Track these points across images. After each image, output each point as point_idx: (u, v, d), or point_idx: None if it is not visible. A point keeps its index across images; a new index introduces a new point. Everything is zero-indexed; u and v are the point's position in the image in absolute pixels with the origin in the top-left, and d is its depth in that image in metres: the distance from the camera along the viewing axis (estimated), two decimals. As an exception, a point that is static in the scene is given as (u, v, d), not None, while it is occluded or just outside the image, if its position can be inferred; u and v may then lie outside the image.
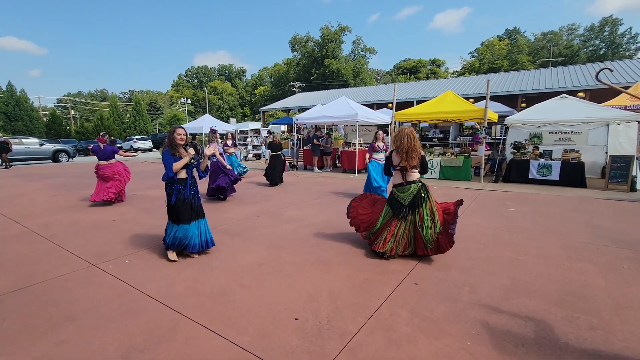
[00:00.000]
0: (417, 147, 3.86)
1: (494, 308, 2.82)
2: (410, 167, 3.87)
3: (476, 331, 2.49)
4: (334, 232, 4.98)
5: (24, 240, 4.78)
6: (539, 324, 2.57)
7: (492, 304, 2.89)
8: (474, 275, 3.46)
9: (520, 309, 2.79)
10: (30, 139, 19.68)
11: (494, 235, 4.76)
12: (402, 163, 3.90)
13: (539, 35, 51.98)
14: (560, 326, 2.55)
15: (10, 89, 31.03)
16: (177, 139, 3.79)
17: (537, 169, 9.25)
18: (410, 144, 3.82)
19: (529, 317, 2.67)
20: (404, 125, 3.99)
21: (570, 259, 3.86)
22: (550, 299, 2.97)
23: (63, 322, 2.66)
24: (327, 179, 10.87)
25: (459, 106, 10.46)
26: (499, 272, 3.53)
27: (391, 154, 4.06)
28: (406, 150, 3.83)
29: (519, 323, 2.59)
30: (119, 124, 40.97)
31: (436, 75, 53.23)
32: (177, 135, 3.79)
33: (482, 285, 3.24)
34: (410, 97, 23.00)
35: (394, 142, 4.01)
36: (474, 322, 2.61)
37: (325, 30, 50.67)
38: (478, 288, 3.18)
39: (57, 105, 63.03)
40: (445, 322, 2.61)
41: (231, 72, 75.73)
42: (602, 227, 5.15)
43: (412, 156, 3.83)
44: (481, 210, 6.28)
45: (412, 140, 3.84)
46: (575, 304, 2.88)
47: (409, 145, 3.82)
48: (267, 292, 3.15)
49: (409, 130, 3.92)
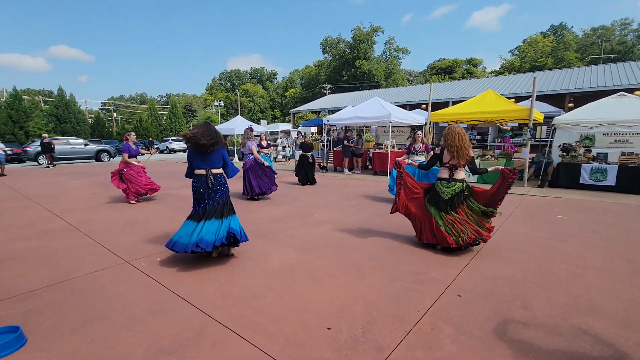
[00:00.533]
0: (466, 146, 3.94)
1: (553, 328, 2.47)
2: (459, 165, 4.00)
3: (533, 354, 2.18)
4: (366, 237, 4.75)
5: (64, 235, 4.97)
6: (607, 350, 2.21)
7: (549, 323, 2.55)
8: (526, 289, 3.10)
9: (583, 331, 2.43)
10: (76, 139, 21.06)
11: (545, 245, 4.31)
12: (451, 161, 4.04)
13: (589, 31, 48.37)
14: (634, 352, 2.18)
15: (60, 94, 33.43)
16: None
17: (589, 174, 8.46)
18: (461, 142, 3.91)
19: (595, 341, 2.30)
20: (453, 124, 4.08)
21: (637, 274, 3.38)
22: (618, 320, 2.57)
23: (94, 319, 2.65)
24: (358, 181, 10.62)
25: (501, 106, 9.82)
26: (554, 287, 3.14)
27: (442, 150, 4.16)
28: (456, 149, 3.92)
29: (583, 347, 2.24)
30: (156, 125, 42.98)
31: (472, 75, 51.08)
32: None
33: (536, 300, 2.89)
34: (445, 97, 22.13)
35: (443, 140, 4.08)
36: (529, 343, 2.29)
37: (357, 31, 50.29)
38: (532, 304, 2.83)
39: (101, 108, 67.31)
40: (496, 342, 2.31)
41: (263, 75, 77.31)
42: (674, 239, 4.52)
43: (461, 155, 3.93)
44: (528, 218, 5.78)
45: (463, 139, 3.92)
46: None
47: (459, 144, 3.91)
48: (298, 297, 2.99)
49: (459, 129, 3.99)
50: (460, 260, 3.81)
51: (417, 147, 6.45)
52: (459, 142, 3.90)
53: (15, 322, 2.56)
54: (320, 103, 33.84)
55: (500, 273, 3.47)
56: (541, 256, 3.94)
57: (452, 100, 20.97)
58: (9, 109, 29.75)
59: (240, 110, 59.59)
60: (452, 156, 3.99)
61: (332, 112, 20.46)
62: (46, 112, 33.86)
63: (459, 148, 3.90)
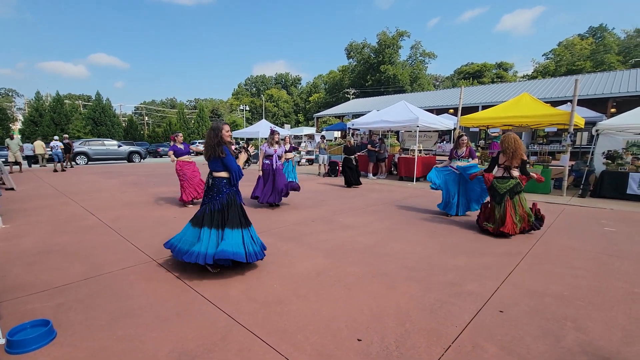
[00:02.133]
0: (521, 149, 4.75)
1: (614, 355, 2.19)
2: (513, 166, 4.80)
3: (595, 384, 1.92)
4: (394, 243, 4.55)
5: (97, 231, 5.09)
6: (687, 385, 1.91)
7: (609, 347, 2.26)
8: (577, 308, 2.80)
9: (653, 360, 2.13)
10: (110, 141, 22.05)
11: (595, 260, 3.93)
12: (506, 162, 4.84)
13: (632, 32, 45.51)
14: None
15: (98, 98, 35.36)
16: (227, 137, 3.58)
17: (638, 184, 7.80)
18: (516, 146, 4.73)
19: (670, 374, 2.01)
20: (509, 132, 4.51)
21: None
22: (695, 350, 2.24)
23: (122, 317, 2.62)
24: (383, 186, 10.36)
25: (538, 110, 9.27)
26: (611, 307, 2.82)
27: (498, 154, 4.98)
28: (512, 152, 4.73)
29: (656, 380, 1.95)
30: (184, 129, 44.42)
31: (503, 79, 49.27)
32: (226, 132, 3.57)
33: (590, 321, 2.59)
34: (475, 101, 21.42)
35: (501, 144, 4.93)
36: (589, 371, 2.03)
37: (382, 36, 49.92)
38: (586, 325, 2.54)
39: (134, 112, 70.45)
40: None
41: (287, 80, 78.26)
42: None
43: (515, 157, 4.75)
44: (571, 229, 5.35)
45: (517, 144, 4.75)
46: None
47: (515, 147, 4.73)
48: (326, 304, 2.84)
49: (514, 135, 4.85)
50: (499, 273, 3.54)
51: (460, 152, 6.10)
52: (514, 146, 4.73)
53: (47, 316, 2.58)
54: (343, 107, 33.76)
55: (546, 288, 3.17)
56: (592, 272, 3.59)
57: (481, 104, 20.28)
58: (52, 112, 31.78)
59: (265, 115, 60.53)
60: (507, 158, 4.80)
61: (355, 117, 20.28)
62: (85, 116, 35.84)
63: (514, 151, 4.72)
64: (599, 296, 3.01)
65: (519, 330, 2.47)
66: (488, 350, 2.23)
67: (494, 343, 2.31)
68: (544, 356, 2.17)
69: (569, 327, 2.52)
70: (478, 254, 4.13)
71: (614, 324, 2.56)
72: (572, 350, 2.23)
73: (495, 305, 2.84)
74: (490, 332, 2.44)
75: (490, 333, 2.43)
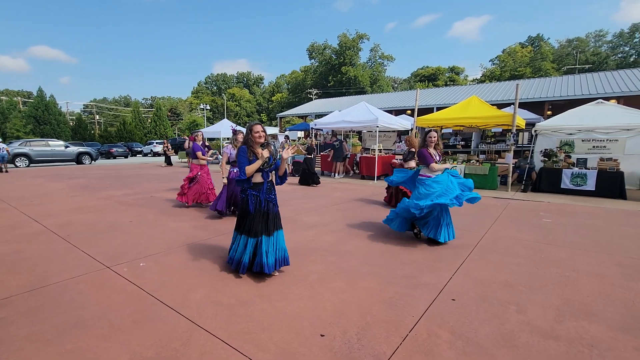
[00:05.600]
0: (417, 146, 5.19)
1: (549, 332, 2.45)
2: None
3: (532, 359, 2.14)
4: (357, 240, 4.69)
5: (42, 239, 4.69)
6: (607, 354, 2.20)
7: (545, 326, 2.53)
8: (519, 293, 3.09)
9: (580, 335, 2.42)
10: (56, 141, 20.28)
11: (534, 249, 4.34)
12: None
13: (564, 42, 50.45)
14: (634, 357, 2.17)
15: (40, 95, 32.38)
16: (256, 138, 3.26)
17: (570, 179, 8.68)
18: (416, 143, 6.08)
19: (593, 345, 2.29)
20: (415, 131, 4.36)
21: (628, 278, 3.42)
22: (614, 323, 2.57)
23: (71, 329, 2.46)
24: (346, 185, 10.58)
25: (485, 112, 10.00)
26: (547, 290, 3.14)
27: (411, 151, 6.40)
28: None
29: (582, 352, 2.22)
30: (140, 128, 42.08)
31: (455, 82, 52.28)
32: (255, 133, 3.25)
33: (530, 304, 2.87)
34: (430, 103, 22.50)
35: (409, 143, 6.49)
36: (527, 348, 2.26)
37: (343, 37, 50.82)
38: (526, 307, 2.81)
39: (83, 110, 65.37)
40: (494, 347, 2.27)
41: (249, 79, 76.95)
42: (655, 242, 4.64)
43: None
44: (515, 221, 5.84)
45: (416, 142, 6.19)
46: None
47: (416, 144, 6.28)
48: (289, 303, 2.88)
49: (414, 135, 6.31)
50: (451, 264, 3.79)
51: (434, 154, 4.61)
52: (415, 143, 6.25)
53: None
54: (306, 108, 33.87)
55: (493, 277, 3.46)
56: (532, 259, 3.96)
57: (436, 106, 21.35)
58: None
59: (227, 114, 58.99)
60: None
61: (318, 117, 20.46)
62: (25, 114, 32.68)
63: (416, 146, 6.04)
64: (537, 281, 3.34)
65: (469, 316, 2.68)
66: (441, 337, 2.39)
67: (446, 329, 2.49)
68: (490, 338, 2.38)
69: (512, 310, 2.78)
70: (433, 247, 4.38)
71: (549, 305, 2.86)
72: (513, 331, 2.46)
73: (448, 294, 3.05)
74: (444, 319, 2.62)
75: (444, 320, 2.61)
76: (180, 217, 6.13)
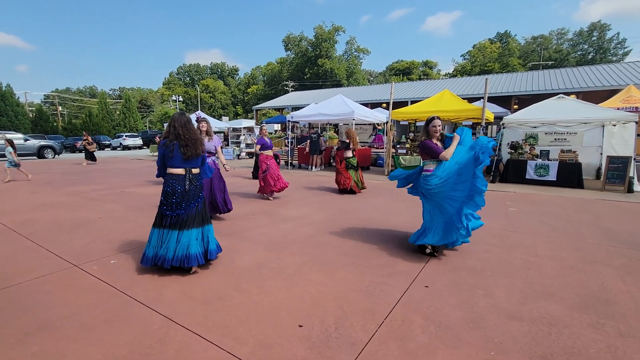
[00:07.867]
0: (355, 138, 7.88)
1: (514, 313, 2.61)
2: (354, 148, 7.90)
3: (499, 339, 2.28)
4: (334, 232, 4.75)
5: (0, 238, 4.41)
6: (564, 331, 2.37)
7: (510, 308, 2.69)
8: (486, 278, 3.26)
9: (541, 315, 2.59)
10: (14, 134, 18.97)
11: (501, 236, 4.58)
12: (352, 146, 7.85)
13: (530, 39, 52.69)
14: (588, 333, 2.36)
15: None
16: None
17: (534, 170, 9.17)
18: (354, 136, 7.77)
19: (553, 324, 2.47)
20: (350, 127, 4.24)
21: (584, 261, 3.69)
22: (571, 303, 2.78)
23: (37, 331, 2.35)
24: (323, 178, 10.63)
25: (457, 105, 10.34)
26: (512, 275, 3.33)
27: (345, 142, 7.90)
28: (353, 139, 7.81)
29: (542, 330, 2.39)
30: (108, 121, 40.10)
31: (428, 76, 53.46)
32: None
33: (496, 288, 3.04)
34: (404, 97, 22.92)
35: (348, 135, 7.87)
36: (494, 329, 2.40)
37: (319, 30, 50.42)
38: (493, 291, 2.98)
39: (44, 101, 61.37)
40: (463, 330, 2.39)
41: (224, 70, 74.85)
42: (609, 228, 5.02)
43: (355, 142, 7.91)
44: (483, 210, 6.00)
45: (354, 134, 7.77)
46: (599, 308, 2.69)
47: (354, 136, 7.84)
48: (267, 296, 2.89)
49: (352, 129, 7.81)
50: (425, 253, 3.93)
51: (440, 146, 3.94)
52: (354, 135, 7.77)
53: (-63, 341, 2.20)
54: (283, 100, 33.54)
55: (463, 264, 3.62)
56: (498, 246, 4.18)
57: (410, 99, 21.78)
58: None
59: (201, 106, 57.30)
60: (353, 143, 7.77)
61: (295, 109, 20.33)
62: (-25, 104, 30.23)
63: (354, 139, 7.77)
64: (503, 266, 3.54)
65: (441, 301, 2.80)
66: (415, 322, 2.49)
67: (420, 315, 2.59)
68: (460, 321, 2.50)
69: (480, 294, 2.93)
70: (407, 237, 4.51)
71: (514, 289, 3.04)
72: (482, 314, 2.61)
73: (421, 282, 3.17)
74: (417, 306, 2.73)
75: (417, 306, 2.72)
76: (151, 212, 5.92)
